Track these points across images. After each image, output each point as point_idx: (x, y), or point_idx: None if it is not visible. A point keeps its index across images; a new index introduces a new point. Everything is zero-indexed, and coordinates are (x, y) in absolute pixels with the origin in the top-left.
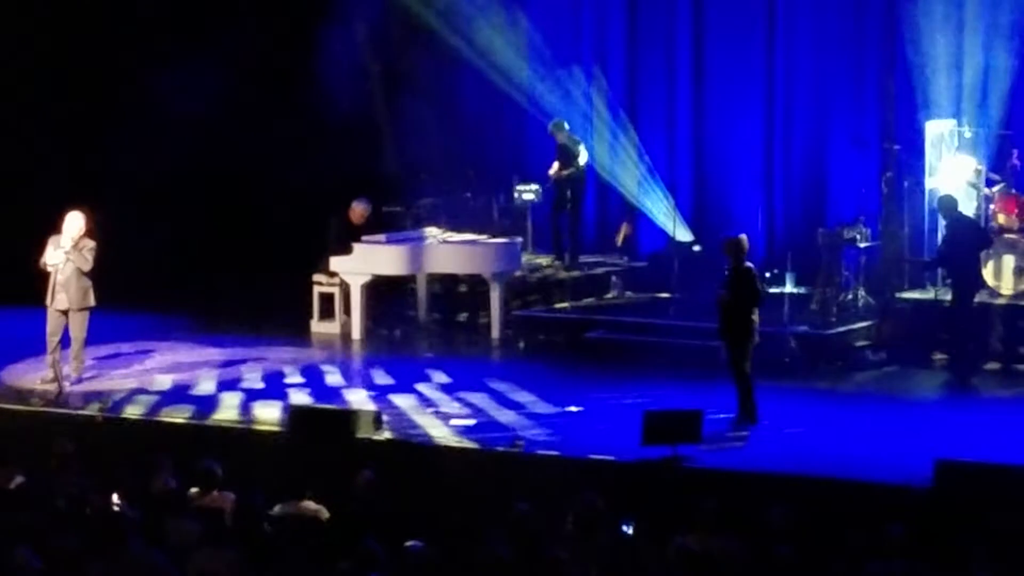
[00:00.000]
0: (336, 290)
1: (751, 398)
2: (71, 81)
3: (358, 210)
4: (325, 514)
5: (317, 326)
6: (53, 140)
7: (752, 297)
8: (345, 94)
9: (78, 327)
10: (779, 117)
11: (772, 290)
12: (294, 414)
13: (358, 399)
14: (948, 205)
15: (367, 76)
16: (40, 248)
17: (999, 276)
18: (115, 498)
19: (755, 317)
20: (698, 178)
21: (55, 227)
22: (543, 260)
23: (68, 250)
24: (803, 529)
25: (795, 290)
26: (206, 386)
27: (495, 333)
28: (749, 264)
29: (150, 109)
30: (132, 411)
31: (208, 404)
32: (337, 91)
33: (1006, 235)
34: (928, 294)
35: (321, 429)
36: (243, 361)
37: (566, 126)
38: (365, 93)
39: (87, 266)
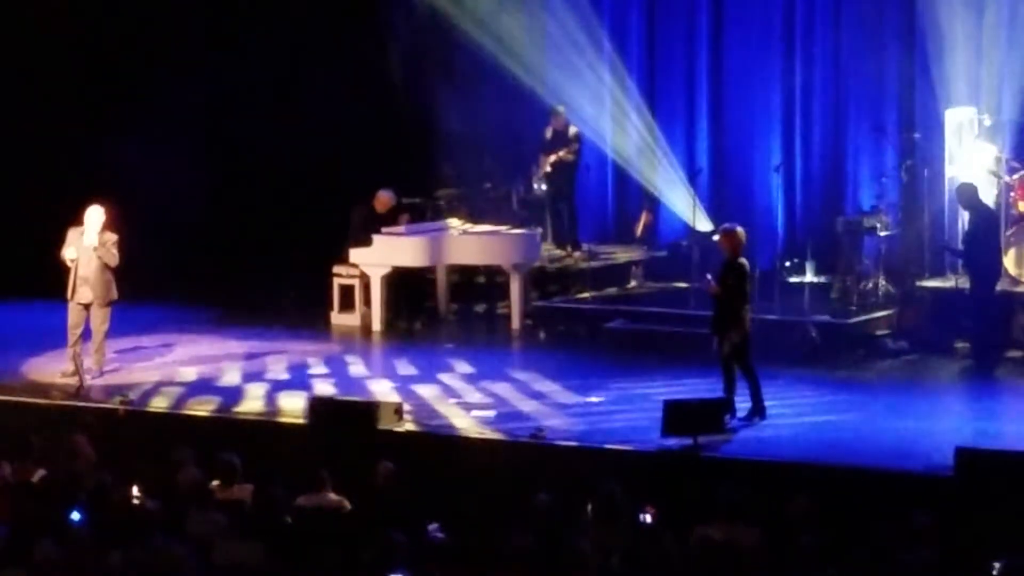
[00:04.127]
0: (356, 282)
1: (758, 389)
2: (93, 73)
3: (383, 198)
4: (347, 505)
5: (337, 318)
6: (74, 132)
7: (741, 293)
8: (366, 88)
9: (100, 321)
10: (798, 106)
11: (792, 279)
12: (315, 406)
13: (380, 390)
14: (969, 193)
15: (388, 68)
16: (61, 240)
17: (1021, 264)
18: (135, 491)
19: (745, 312)
20: (718, 167)
21: (76, 219)
22: (562, 251)
23: (96, 246)
24: (825, 518)
25: (815, 279)
26: (230, 378)
27: (515, 323)
28: (743, 260)
29: (170, 102)
30: (154, 404)
31: (232, 396)
32: (358, 85)
33: None
34: (949, 282)
35: (342, 420)
36: (264, 353)
37: (561, 110)
38: (387, 86)
39: (114, 261)
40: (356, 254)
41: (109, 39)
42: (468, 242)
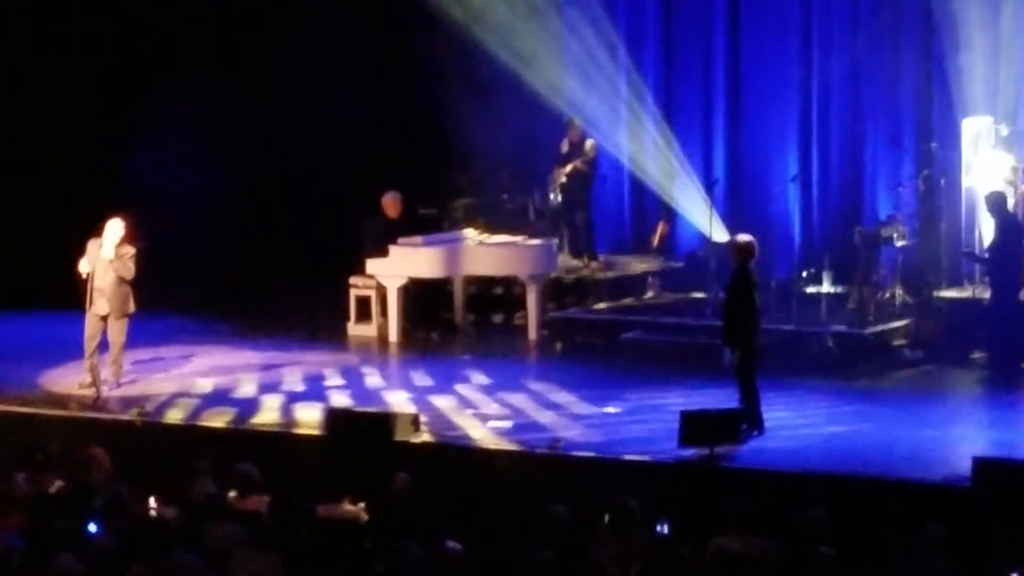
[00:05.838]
0: (372, 292)
1: (756, 404)
2: (110, 83)
3: (390, 201)
4: (364, 516)
5: (354, 329)
6: (90, 143)
7: (750, 303)
8: (383, 99)
9: (117, 332)
10: (815, 115)
11: (809, 289)
12: (332, 417)
13: (397, 401)
14: (998, 201)
15: (406, 79)
16: (80, 252)
17: None
18: (152, 502)
19: (753, 322)
20: (735, 177)
21: (96, 231)
22: (579, 261)
23: (111, 259)
24: (841, 529)
25: (832, 289)
26: (246, 389)
27: (532, 334)
28: (751, 269)
29: (189, 112)
30: (171, 415)
31: (248, 407)
32: (375, 96)
33: None
34: (966, 292)
35: (359, 432)
36: (281, 364)
37: (577, 122)
38: (404, 97)
39: (129, 275)
40: (373, 265)
41: (124, 49)
42: (485, 253)
